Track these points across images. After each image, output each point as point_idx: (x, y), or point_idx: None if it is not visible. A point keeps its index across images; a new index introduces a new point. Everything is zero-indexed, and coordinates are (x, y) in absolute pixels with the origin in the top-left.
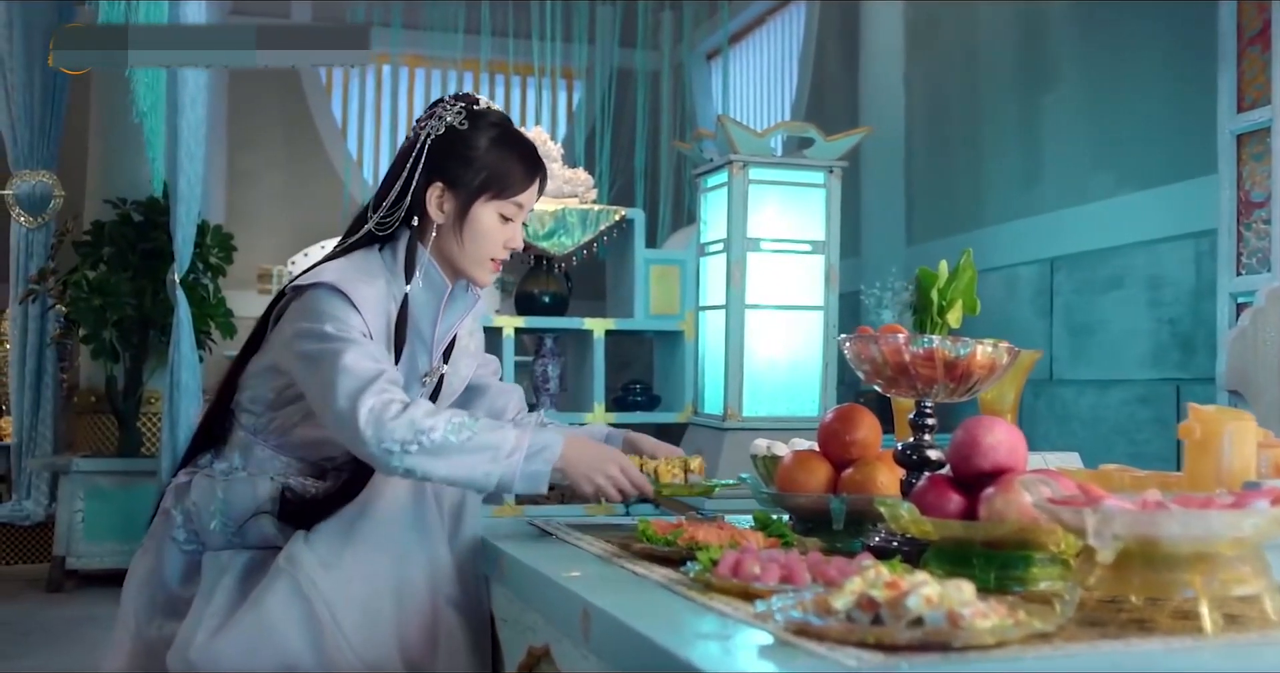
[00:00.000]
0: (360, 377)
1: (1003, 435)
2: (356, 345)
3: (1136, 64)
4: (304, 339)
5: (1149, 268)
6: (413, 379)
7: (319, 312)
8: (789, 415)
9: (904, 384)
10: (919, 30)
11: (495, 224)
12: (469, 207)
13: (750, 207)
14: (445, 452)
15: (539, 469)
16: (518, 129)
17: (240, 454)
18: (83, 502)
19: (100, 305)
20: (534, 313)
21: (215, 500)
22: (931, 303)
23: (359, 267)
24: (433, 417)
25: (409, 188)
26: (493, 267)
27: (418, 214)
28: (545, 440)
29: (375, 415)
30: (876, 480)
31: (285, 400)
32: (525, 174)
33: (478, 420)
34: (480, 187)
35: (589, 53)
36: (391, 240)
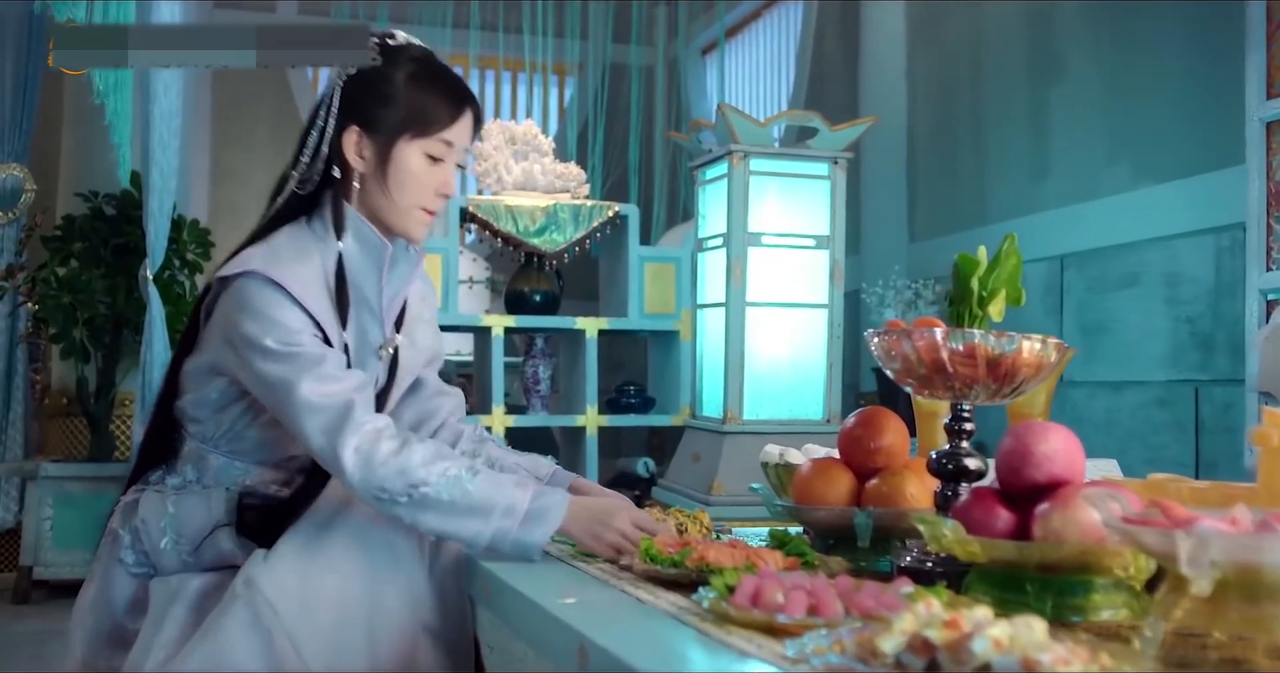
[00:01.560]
0: (329, 411)
1: (1059, 444)
2: (310, 367)
3: (1151, 52)
4: (248, 352)
5: (1166, 265)
6: (367, 354)
7: (254, 312)
8: (791, 418)
9: (939, 384)
10: (921, 21)
11: (422, 166)
12: (390, 148)
13: (751, 200)
14: (436, 508)
15: (533, 539)
16: (442, 63)
17: (194, 466)
18: (51, 509)
19: (70, 303)
20: (524, 312)
21: (165, 517)
22: (971, 293)
23: (288, 245)
24: (428, 467)
25: (324, 136)
26: (425, 217)
27: (338, 164)
28: (546, 505)
29: (363, 458)
30: (905, 492)
31: (229, 399)
32: (451, 107)
33: (477, 474)
34: (400, 125)
35: (581, 48)
36: (317, 206)
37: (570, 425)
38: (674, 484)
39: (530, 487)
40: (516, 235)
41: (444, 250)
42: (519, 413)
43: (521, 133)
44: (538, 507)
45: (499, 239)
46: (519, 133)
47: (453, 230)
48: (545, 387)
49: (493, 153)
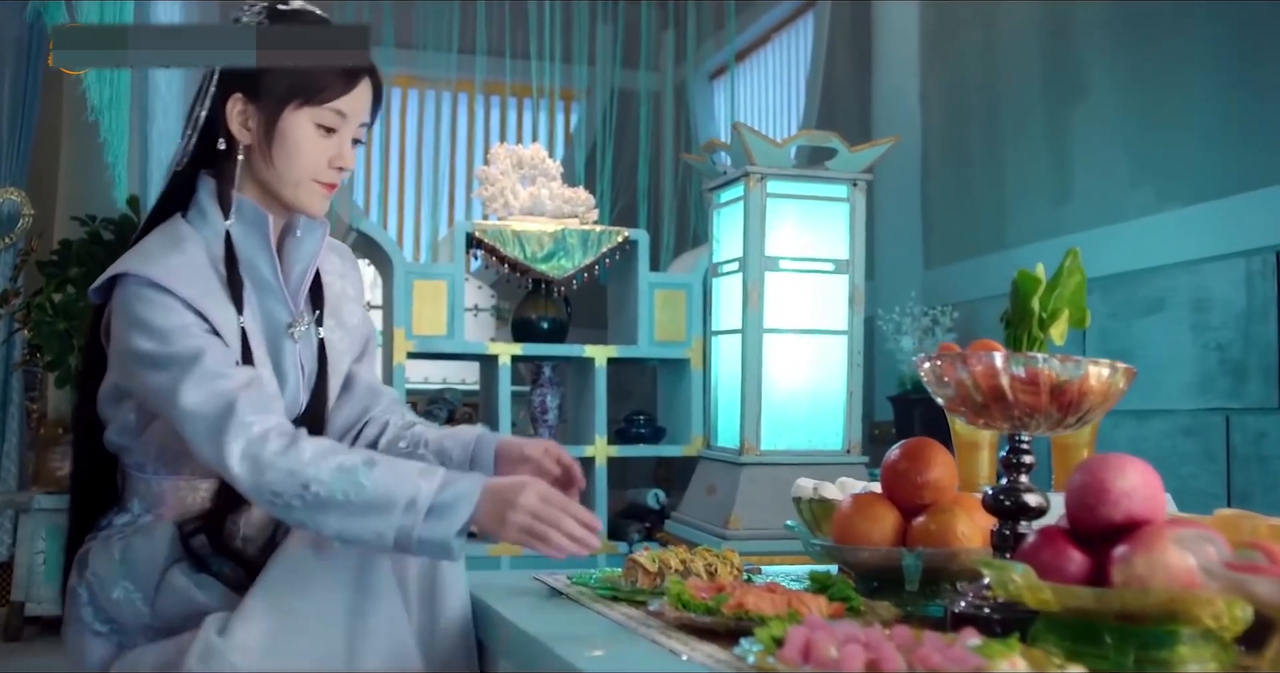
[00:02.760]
0: (210, 416)
1: (1137, 479)
2: (188, 369)
3: (1177, 69)
4: (137, 363)
5: (1193, 290)
6: (278, 336)
7: (131, 318)
8: (810, 449)
9: (998, 413)
10: (935, 41)
11: (311, 136)
12: (276, 117)
13: (768, 223)
14: (331, 508)
15: (441, 535)
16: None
17: (139, 499)
18: (44, 542)
19: (66, 330)
20: (532, 340)
21: (114, 565)
22: (1031, 313)
23: (159, 240)
24: (317, 463)
25: (204, 107)
26: (320, 190)
27: (224, 136)
28: (455, 495)
29: (250, 461)
30: (956, 531)
31: (147, 420)
32: (343, 73)
33: (374, 466)
34: (287, 92)
35: (589, 74)
36: (194, 194)
37: (579, 456)
38: (688, 518)
39: (438, 475)
40: (524, 261)
41: (450, 276)
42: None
43: (529, 157)
44: (444, 499)
45: (506, 265)
46: (526, 157)
47: (458, 256)
48: (553, 416)
49: (499, 177)
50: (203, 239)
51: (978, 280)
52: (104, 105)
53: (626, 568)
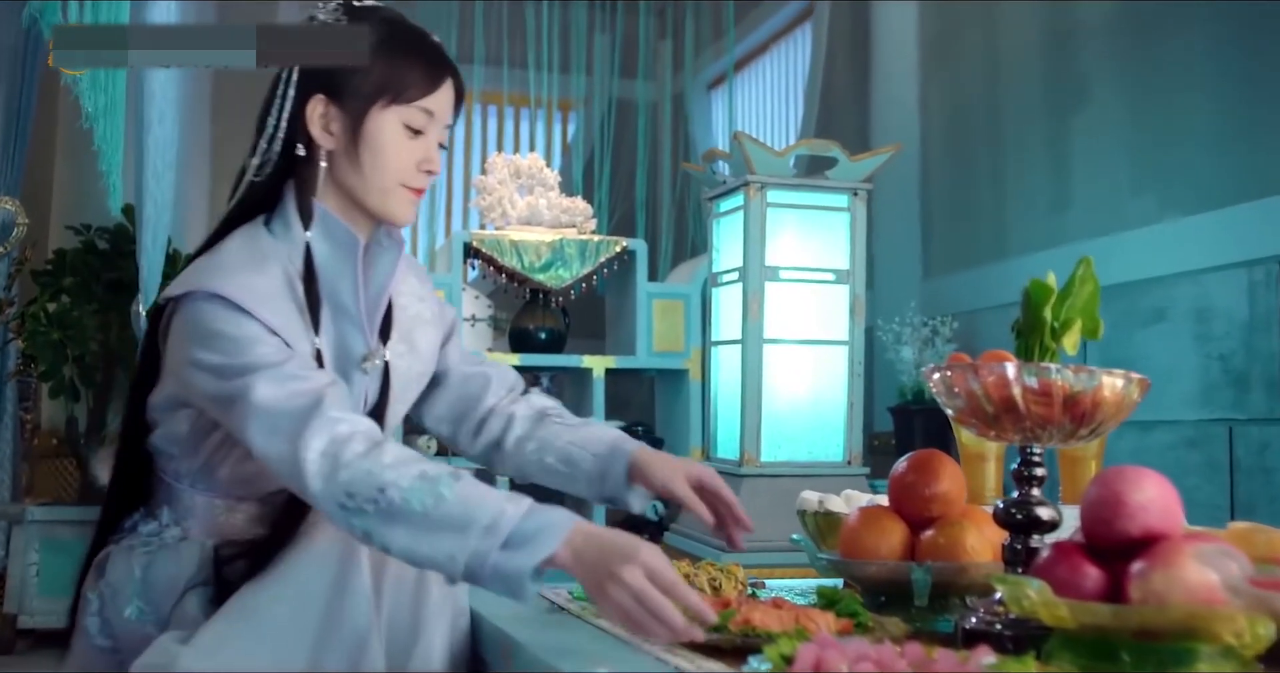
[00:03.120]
0: (291, 412)
1: (1154, 492)
2: (266, 370)
3: (1179, 78)
4: (201, 375)
5: (1195, 300)
6: (349, 367)
7: (205, 333)
8: (811, 460)
9: (1009, 425)
10: (935, 49)
11: (400, 136)
12: (363, 117)
13: (768, 232)
14: (404, 519)
15: (517, 566)
16: (418, 27)
17: (170, 508)
18: (38, 554)
19: (60, 340)
20: (529, 350)
21: (132, 581)
22: (1044, 323)
23: (239, 252)
24: (399, 468)
25: (284, 111)
26: (409, 196)
27: (301, 142)
28: (539, 525)
29: (330, 459)
30: (965, 544)
31: (202, 432)
32: (429, 71)
33: (460, 478)
34: (373, 91)
35: (587, 83)
36: (278, 201)
37: None
38: (687, 530)
39: (525, 501)
40: (522, 271)
41: (448, 286)
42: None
43: (527, 166)
44: (527, 527)
45: (503, 275)
46: (524, 166)
47: (456, 266)
48: None
49: (497, 187)
50: (284, 253)
51: (978, 290)
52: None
53: None
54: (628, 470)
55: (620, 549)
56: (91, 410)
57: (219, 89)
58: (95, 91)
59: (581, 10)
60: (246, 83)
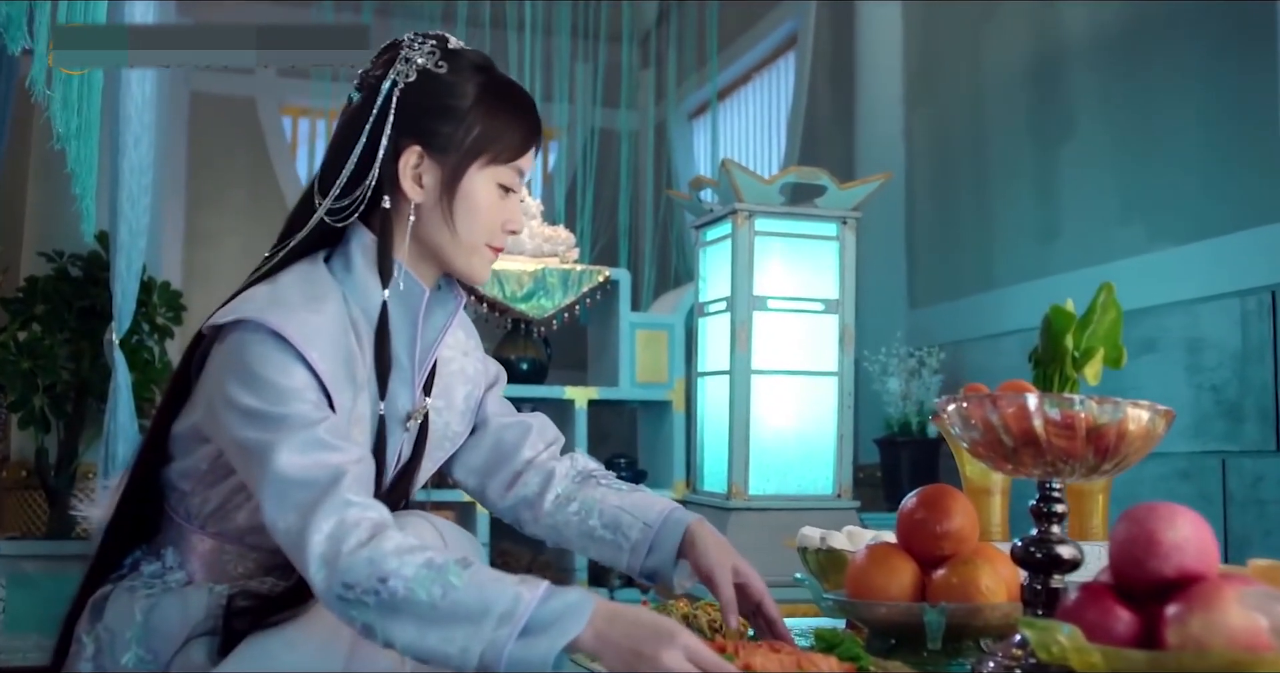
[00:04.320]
0: (309, 484)
1: (1189, 531)
2: (294, 431)
3: (1167, 107)
4: (229, 413)
5: (1187, 330)
6: (395, 424)
7: (244, 369)
8: (800, 494)
9: (1028, 459)
10: (919, 79)
11: (494, 198)
12: (460, 175)
13: (756, 261)
14: (409, 611)
15: (542, 654)
16: (508, 78)
17: (174, 549)
18: (4, 589)
19: (30, 369)
20: (511, 381)
21: (133, 626)
22: (1065, 352)
23: (297, 286)
24: (403, 556)
25: (374, 156)
26: (491, 256)
27: (389, 192)
28: (559, 609)
29: (333, 545)
30: (979, 584)
31: (222, 472)
32: (526, 130)
33: (469, 567)
34: (473, 148)
35: (569, 112)
36: (341, 242)
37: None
38: None
39: (541, 585)
40: (503, 301)
41: None
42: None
43: None
44: (546, 611)
45: (484, 305)
46: None
47: None
48: None
49: None
50: (340, 296)
51: (964, 321)
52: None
53: None
54: (680, 544)
55: (654, 631)
56: (62, 442)
57: (195, 114)
58: (68, 113)
59: (564, 40)
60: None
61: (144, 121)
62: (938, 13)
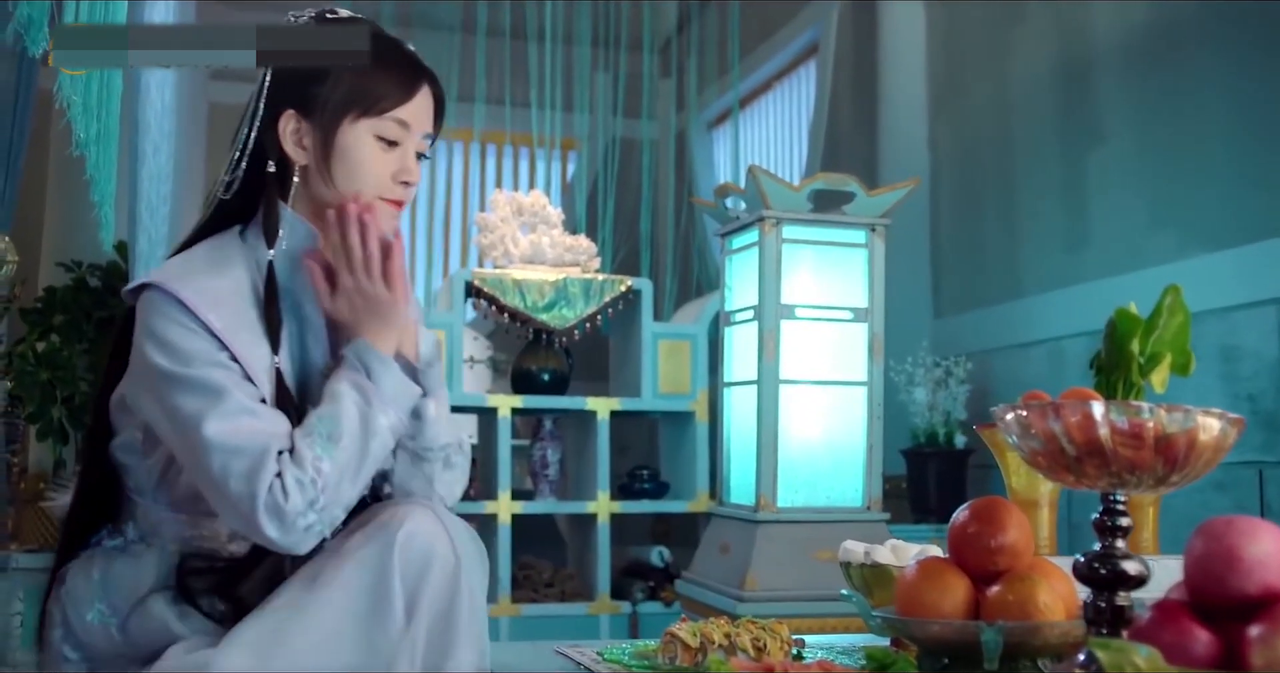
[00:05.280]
0: (236, 450)
1: (1271, 546)
2: (215, 401)
3: (1198, 111)
4: (150, 378)
5: (1222, 338)
6: (311, 379)
7: (152, 331)
8: (830, 505)
9: (1092, 470)
10: (944, 85)
11: (374, 150)
12: (333, 131)
13: (784, 269)
14: (347, 479)
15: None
16: (392, 37)
17: (133, 523)
18: (22, 603)
19: (49, 380)
20: (532, 392)
21: (91, 584)
22: (1130, 358)
23: (205, 256)
24: (301, 459)
25: (254, 126)
26: (389, 207)
27: (274, 159)
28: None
29: (273, 504)
30: (1037, 601)
31: (153, 443)
32: (401, 80)
33: (323, 417)
34: (343, 103)
35: (590, 122)
36: (254, 213)
37: (581, 512)
38: (700, 578)
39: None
40: (524, 311)
41: (448, 326)
42: (526, 499)
43: (529, 204)
44: (353, 366)
45: (505, 315)
46: (526, 204)
47: (457, 306)
48: (554, 470)
49: (499, 224)
50: (245, 264)
51: (991, 330)
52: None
53: (664, 643)
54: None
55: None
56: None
57: (214, 126)
58: (88, 118)
59: (585, 49)
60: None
61: (163, 129)
62: (962, 19)
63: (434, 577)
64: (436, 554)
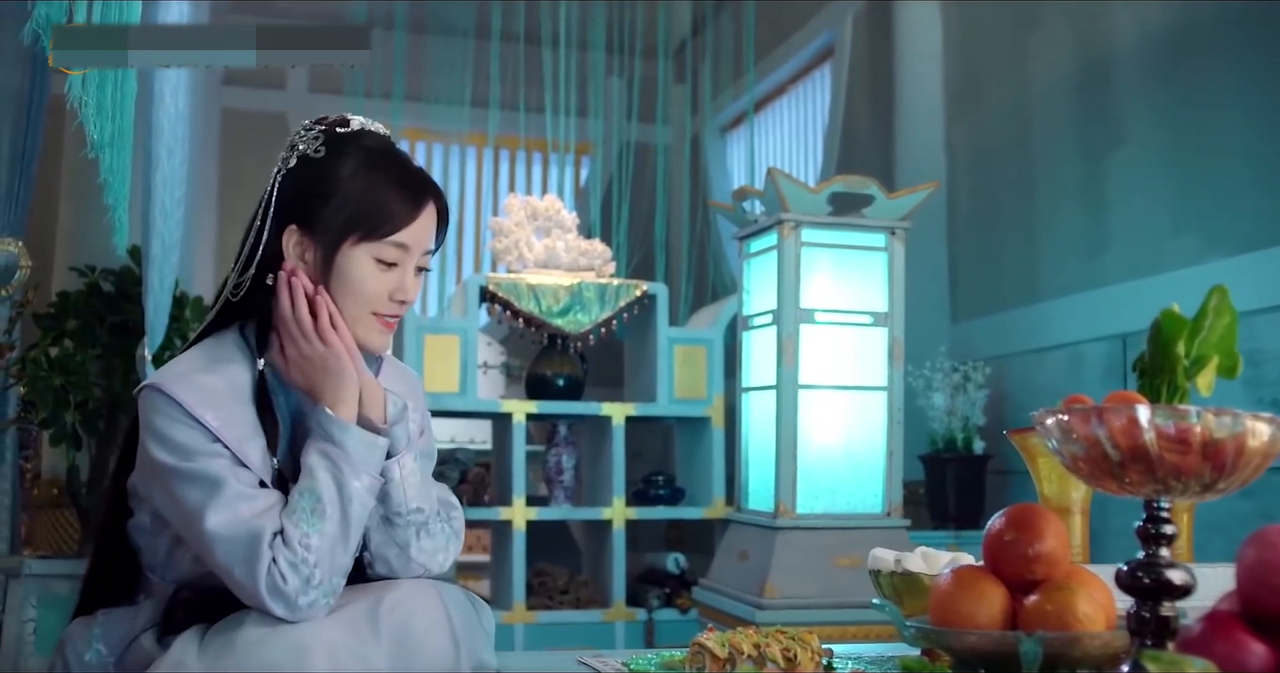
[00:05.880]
0: (234, 540)
1: None
2: (214, 491)
3: (1222, 113)
4: (154, 472)
5: (1244, 342)
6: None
7: (154, 430)
8: (849, 512)
9: (1136, 476)
10: (961, 88)
11: (371, 272)
12: (334, 253)
13: (803, 273)
14: (331, 541)
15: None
16: (400, 152)
17: (144, 594)
18: (35, 610)
19: (61, 385)
20: (546, 397)
21: (91, 631)
22: (1176, 360)
23: (206, 354)
24: (289, 540)
25: (261, 237)
26: (381, 325)
27: (274, 270)
28: (318, 426)
29: (273, 585)
30: (1076, 611)
31: (159, 525)
32: (406, 205)
33: (303, 492)
34: (345, 226)
35: (604, 127)
36: (254, 309)
37: (596, 518)
38: (718, 585)
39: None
40: (539, 316)
41: (462, 331)
42: (541, 505)
43: (544, 208)
44: (321, 437)
45: (520, 320)
46: (541, 208)
47: (472, 310)
48: (569, 476)
49: (514, 229)
50: (245, 359)
51: (1009, 335)
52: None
53: (692, 653)
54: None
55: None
56: (94, 459)
57: (226, 131)
58: (102, 119)
59: (599, 54)
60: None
61: (177, 134)
62: (978, 21)
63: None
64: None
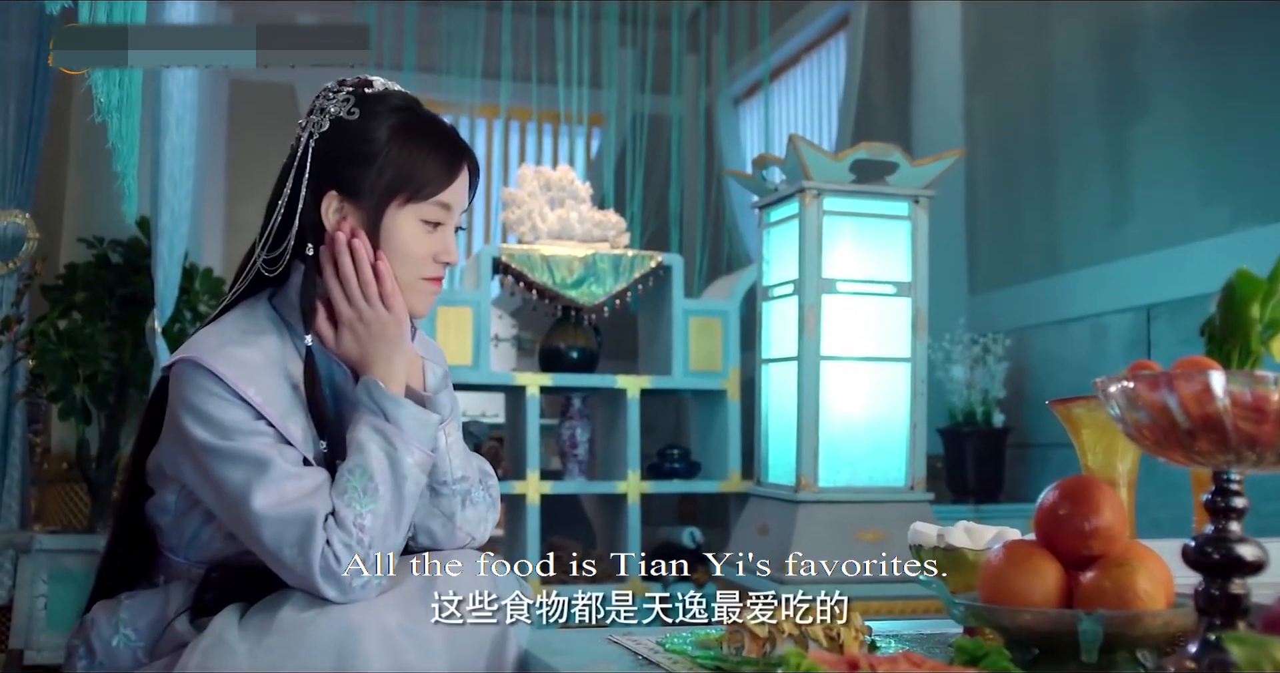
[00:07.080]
0: (285, 520)
1: None
2: (260, 471)
3: (1250, 80)
4: (193, 450)
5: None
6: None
7: (190, 405)
8: (872, 485)
9: (1206, 446)
10: (980, 55)
11: (418, 234)
12: (379, 217)
13: (825, 242)
14: (384, 520)
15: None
16: (430, 111)
17: (164, 575)
18: (46, 585)
19: (70, 358)
20: (560, 370)
21: (118, 614)
22: (1250, 323)
23: (237, 326)
24: (343, 521)
25: (296, 207)
26: (429, 288)
27: (313, 239)
28: (369, 400)
29: (327, 568)
30: (1136, 588)
31: (186, 505)
32: (446, 164)
33: (353, 470)
34: (389, 189)
35: (617, 98)
36: (286, 277)
37: (611, 492)
38: (739, 560)
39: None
40: (553, 287)
41: (475, 303)
42: (555, 479)
43: (557, 179)
44: (370, 410)
45: (534, 292)
46: (554, 178)
47: (485, 282)
48: (583, 450)
49: (527, 199)
50: (279, 330)
51: (1029, 307)
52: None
53: (730, 632)
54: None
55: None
56: (104, 433)
57: (235, 103)
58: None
59: (612, 25)
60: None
61: (185, 101)
62: None
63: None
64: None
